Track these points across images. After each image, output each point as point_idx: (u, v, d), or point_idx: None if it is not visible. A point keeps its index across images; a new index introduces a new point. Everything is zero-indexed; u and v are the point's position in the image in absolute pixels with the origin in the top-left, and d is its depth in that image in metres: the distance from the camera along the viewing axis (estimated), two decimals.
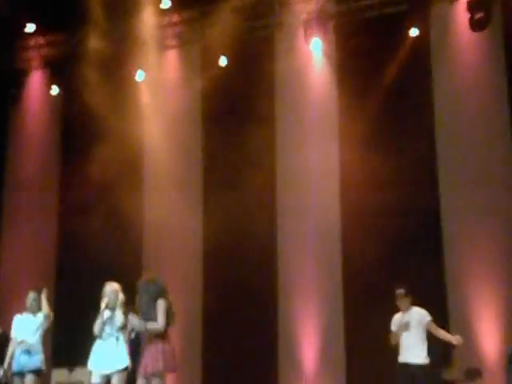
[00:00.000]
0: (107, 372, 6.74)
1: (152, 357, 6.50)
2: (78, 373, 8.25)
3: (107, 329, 6.90)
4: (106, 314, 6.93)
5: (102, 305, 6.95)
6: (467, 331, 8.28)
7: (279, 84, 10.03)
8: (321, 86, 9.90)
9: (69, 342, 7.36)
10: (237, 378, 9.21)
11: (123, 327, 6.84)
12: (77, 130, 10.41)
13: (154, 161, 10.21)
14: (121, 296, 6.98)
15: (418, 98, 9.39)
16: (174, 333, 7.78)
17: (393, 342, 7.06)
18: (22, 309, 7.87)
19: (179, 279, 9.48)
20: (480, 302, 8.71)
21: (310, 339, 9.38)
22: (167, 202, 9.78)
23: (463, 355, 8.26)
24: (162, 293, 6.83)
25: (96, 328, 6.97)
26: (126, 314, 6.79)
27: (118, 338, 6.85)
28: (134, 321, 6.64)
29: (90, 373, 6.90)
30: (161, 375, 6.48)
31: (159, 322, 6.64)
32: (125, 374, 6.75)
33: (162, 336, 6.60)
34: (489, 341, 8.60)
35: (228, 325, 9.50)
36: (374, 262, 8.94)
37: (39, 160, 10.64)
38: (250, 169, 9.53)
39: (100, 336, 6.95)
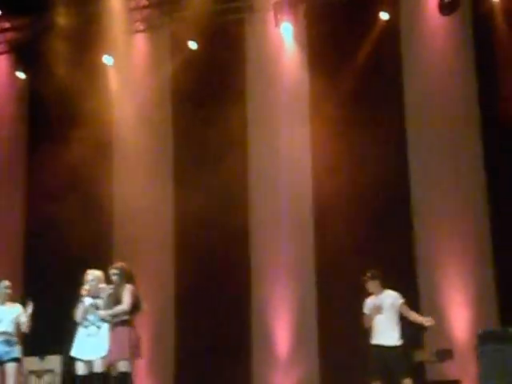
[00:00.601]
0: (90, 359, 6.79)
1: (117, 344, 6.55)
2: (49, 360, 8.22)
3: (90, 317, 6.92)
4: (88, 301, 6.93)
5: (83, 292, 6.95)
6: (438, 313, 8.38)
7: (250, 67, 10.01)
8: (292, 69, 9.89)
9: (40, 330, 7.28)
10: (210, 365, 9.23)
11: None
12: (45, 114, 10.24)
13: (124, 144, 10.11)
14: (102, 284, 6.99)
15: (387, 82, 9.43)
16: (146, 320, 7.79)
17: (366, 325, 7.13)
18: None
19: (151, 264, 9.46)
20: (450, 284, 8.83)
21: (283, 325, 9.42)
22: (138, 186, 9.72)
23: (434, 337, 8.37)
24: (128, 279, 6.85)
25: (78, 315, 6.98)
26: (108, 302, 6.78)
27: (99, 326, 6.87)
28: (101, 312, 6.68)
29: (74, 360, 6.94)
30: (127, 361, 6.54)
31: (124, 304, 6.66)
32: (105, 360, 6.81)
33: (127, 323, 6.65)
34: (459, 322, 8.73)
35: (201, 311, 9.48)
36: (346, 245, 8.99)
37: (6, 146, 10.46)
38: (222, 149, 9.53)
39: (82, 323, 6.96)
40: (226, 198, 9.46)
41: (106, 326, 6.86)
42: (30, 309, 7.09)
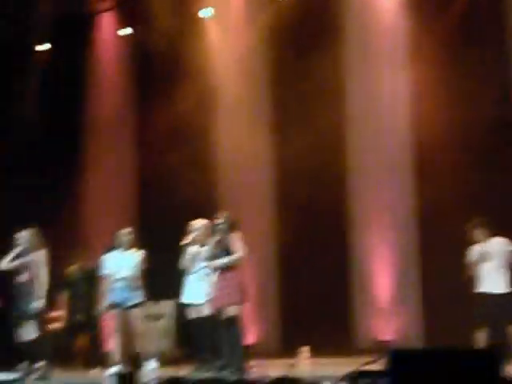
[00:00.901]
0: (198, 304, 7.10)
1: (227, 289, 6.79)
2: (163, 305, 8.59)
3: (196, 264, 7.20)
4: (195, 249, 7.21)
5: (189, 240, 7.22)
6: None
7: (347, 14, 9.82)
8: (390, 13, 9.64)
9: (154, 275, 7.62)
10: (312, 312, 9.37)
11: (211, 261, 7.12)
12: (149, 69, 10.48)
13: (225, 95, 10.20)
14: (208, 231, 7.21)
15: (489, 22, 9.05)
16: (251, 267, 7.99)
17: (471, 273, 7.06)
18: (105, 246, 8.21)
19: (253, 213, 9.61)
20: None
21: (384, 272, 9.40)
22: (239, 136, 9.81)
23: None
24: (234, 228, 7.05)
25: (185, 263, 7.29)
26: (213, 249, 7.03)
27: (206, 273, 7.14)
28: (217, 261, 6.90)
29: (185, 306, 7.25)
30: (236, 306, 6.78)
31: (238, 255, 6.89)
32: (209, 305, 7.07)
33: (235, 269, 6.87)
34: None
35: (302, 258, 9.57)
36: (449, 191, 8.82)
37: (116, 100, 10.77)
38: (320, 97, 9.44)
39: (189, 271, 7.26)
40: (325, 147, 9.41)
41: (212, 273, 7.12)
42: (144, 255, 7.43)
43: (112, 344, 7.42)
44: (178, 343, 9.00)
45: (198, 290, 7.22)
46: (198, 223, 7.40)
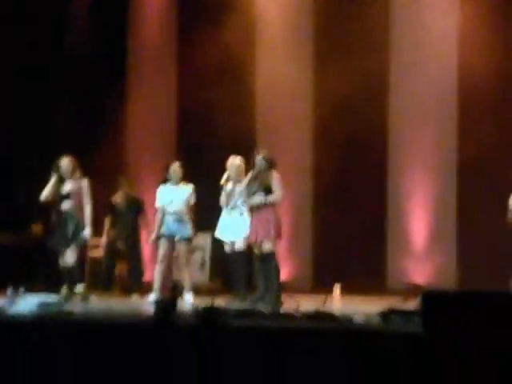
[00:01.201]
0: (233, 240, 7.28)
1: (263, 225, 6.94)
2: (200, 238, 8.78)
3: (231, 201, 7.35)
4: (230, 186, 7.35)
5: (226, 177, 7.35)
6: None
7: None
8: None
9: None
10: (346, 252, 9.49)
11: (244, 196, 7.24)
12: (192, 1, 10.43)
13: (266, 29, 10.08)
14: (243, 168, 7.32)
15: None
16: (286, 204, 8.08)
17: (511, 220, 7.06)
18: (146, 182, 8.39)
19: (290, 150, 9.64)
20: None
21: (420, 217, 9.42)
22: (280, 72, 9.72)
23: None
24: (272, 166, 7.13)
25: (221, 200, 7.45)
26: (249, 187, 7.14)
27: (241, 209, 7.29)
28: (254, 197, 7.01)
29: (216, 239, 7.45)
30: (271, 242, 6.94)
31: (277, 194, 7.01)
32: (245, 240, 7.26)
33: (271, 205, 7.00)
34: None
35: (338, 196, 9.59)
36: (492, 138, 8.74)
37: (156, 33, 10.74)
38: (364, 38, 9.33)
39: (226, 207, 7.43)
40: (367, 88, 9.29)
41: (248, 209, 7.25)
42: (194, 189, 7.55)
43: (154, 273, 7.68)
44: (214, 276, 9.25)
45: (234, 225, 7.37)
46: (235, 160, 7.48)
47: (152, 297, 7.37)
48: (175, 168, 7.59)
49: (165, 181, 7.68)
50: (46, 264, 8.73)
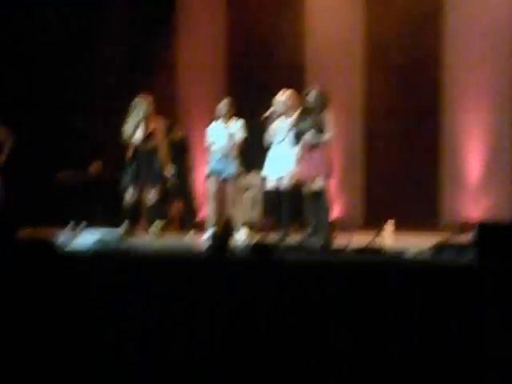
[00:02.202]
0: (280, 176, 7.27)
1: (313, 162, 6.91)
2: (251, 176, 8.82)
3: (277, 136, 7.30)
4: (275, 122, 7.29)
5: (267, 113, 7.30)
6: None
7: None
8: None
9: (242, 150, 7.80)
10: (397, 192, 9.37)
11: (290, 132, 7.20)
12: None
13: None
14: (292, 103, 7.24)
15: None
16: (337, 142, 8.01)
17: None
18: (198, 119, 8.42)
19: (342, 84, 9.51)
20: None
21: (474, 149, 9.25)
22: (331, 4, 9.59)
23: None
24: (326, 104, 7.05)
25: (267, 136, 7.41)
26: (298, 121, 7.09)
27: (286, 144, 7.25)
28: (307, 135, 6.96)
29: (265, 177, 7.46)
30: (322, 179, 6.92)
31: (331, 134, 6.97)
32: (294, 176, 7.23)
33: (322, 143, 6.94)
34: None
35: (391, 134, 9.46)
36: None
37: None
38: None
39: (272, 143, 7.39)
40: (419, 18, 9.07)
41: (293, 145, 7.20)
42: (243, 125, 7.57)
43: (207, 210, 7.81)
44: (265, 213, 9.32)
45: (280, 162, 7.32)
46: (282, 95, 7.40)
47: (208, 234, 7.51)
48: (223, 105, 7.59)
49: (216, 118, 7.70)
50: (106, 200, 8.98)
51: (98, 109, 9.79)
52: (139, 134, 7.69)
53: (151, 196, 7.76)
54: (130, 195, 7.73)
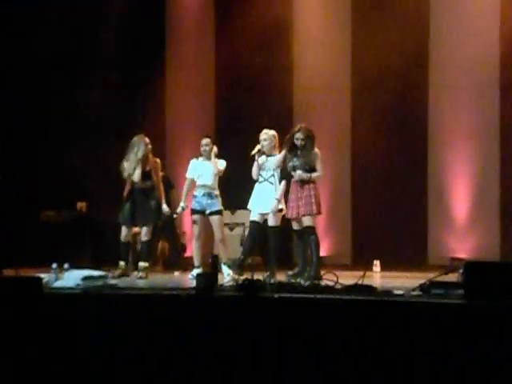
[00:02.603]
0: (264, 212, 7.25)
1: (304, 200, 6.91)
2: (239, 214, 8.82)
3: (263, 173, 7.31)
4: (261, 159, 7.31)
5: (255, 149, 7.32)
6: None
7: None
8: None
9: (230, 186, 7.81)
10: (386, 226, 9.42)
11: (277, 170, 7.22)
12: None
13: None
14: (274, 142, 7.28)
15: None
16: (324, 179, 8.03)
17: None
18: (186, 155, 8.44)
19: (328, 122, 9.62)
20: None
21: (462, 188, 9.30)
22: (318, 42, 9.83)
23: None
24: (313, 142, 7.08)
25: (253, 173, 7.42)
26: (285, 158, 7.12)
27: (271, 182, 7.25)
28: (298, 172, 6.98)
29: (250, 212, 7.45)
30: (311, 217, 6.92)
31: (320, 172, 6.99)
32: (279, 214, 7.23)
33: (311, 180, 6.95)
34: None
35: (377, 169, 9.53)
36: None
37: (195, 18, 10.79)
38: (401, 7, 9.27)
39: (257, 180, 7.40)
40: (405, 55, 9.21)
41: (277, 181, 7.22)
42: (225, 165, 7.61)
43: (192, 248, 7.77)
44: (251, 249, 9.27)
45: (265, 198, 7.30)
46: (266, 134, 7.43)
47: (194, 272, 7.46)
48: (204, 143, 7.64)
49: (199, 155, 7.73)
50: (91, 240, 8.93)
51: (83, 148, 9.81)
52: (137, 173, 7.73)
53: (144, 234, 7.77)
54: (125, 234, 7.74)
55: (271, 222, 7.29)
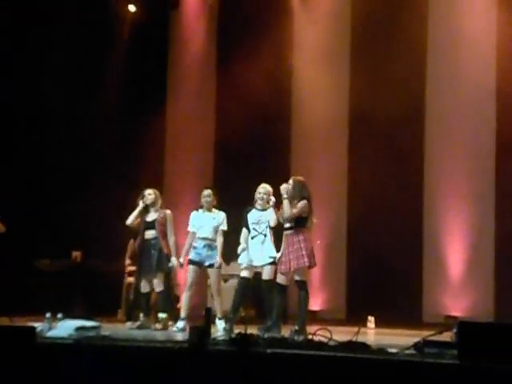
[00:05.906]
0: (256, 265, 7.23)
1: (295, 253, 6.89)
2: (233, 266, 8.79)
3: (256, 227, 7.32)
4: (256, 213, 7.34)
5: (253, 204, 7.35)
6: None
7: None
8: None
9: (226, 239, 7.83)
10: (379, 283, 9.40)
11: (273, 225, 7.24)
12: (233, 30, 10.63)
13: (304, 37, 10.35)
14: (271, 198, 7.32)
15: None
16: (319, 231, 8.05)
17: None
18: (184, 207, 8.50)
19: (323, 179, 9.69)
20: None
21: (456, 247, 9.33)
22: (316, 77, 9.94)
23: None
24: (303, 193, 7.08)
25: (247, 226, 7.43)
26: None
27: (265, 235, 7.26)
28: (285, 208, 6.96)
29: (241, 266, 7.44)
30: (303, 271, 6.89)
31: (293, 211, 6.91)
32: (273, 267, 7.20)
33: (302, 233, 6.93)
34: None
35: (372, 224, 9.60)
36: None
37: (197, 63, 11.00)
38: (399, 42, 9.43)
39: (250, 233, 7.41)
40: (402, 92, 9.38)
41: (270, 236, 7.23)
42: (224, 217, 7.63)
43: (182, 298, 7.74)
44: (247, 304, 9.23)
45: (256, 252, 7.30)
46: (263, 188, 7.48)
47: (179, 325, 7.41)
48: (204, 196, 7.68)
49: (199, 207, 7.76)
50: (85, 290, 8.89)
51: (79, 197, 9.86)
52: (147, 225, 7.74)
53: (156, 286, 7.73)
54: (143, 287, 7.77)
55: (265, 276, 7.26)
